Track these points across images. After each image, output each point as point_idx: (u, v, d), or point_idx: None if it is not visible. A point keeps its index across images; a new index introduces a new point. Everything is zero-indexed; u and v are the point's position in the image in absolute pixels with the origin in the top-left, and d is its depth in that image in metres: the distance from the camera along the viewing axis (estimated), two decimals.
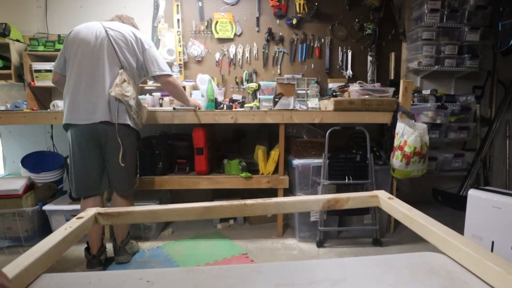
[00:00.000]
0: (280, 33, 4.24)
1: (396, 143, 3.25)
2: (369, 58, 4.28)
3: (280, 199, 1.53)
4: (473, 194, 2.73)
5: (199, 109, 3.32)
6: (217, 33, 4.19)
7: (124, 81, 2.68)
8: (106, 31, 2.73)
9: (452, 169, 4.21)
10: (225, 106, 3.64)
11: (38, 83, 3.82)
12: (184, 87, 3.91)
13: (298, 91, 4.22)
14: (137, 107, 2.79)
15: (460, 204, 3.47)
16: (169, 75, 2.95)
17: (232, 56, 4.25)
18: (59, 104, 3.48)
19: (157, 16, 4.13)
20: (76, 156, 2.72)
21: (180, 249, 3.27)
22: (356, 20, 4.25)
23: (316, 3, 4.17)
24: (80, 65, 2.67)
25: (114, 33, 2.74)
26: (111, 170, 2.81)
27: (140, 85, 3.90)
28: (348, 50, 4.29)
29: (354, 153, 3.44)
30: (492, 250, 2.58)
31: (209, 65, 4.26)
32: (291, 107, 3.50)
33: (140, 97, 3.65)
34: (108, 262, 2.99)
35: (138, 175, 3.30)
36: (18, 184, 3.28)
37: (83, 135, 2.67)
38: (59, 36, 3.91)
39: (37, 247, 1.06)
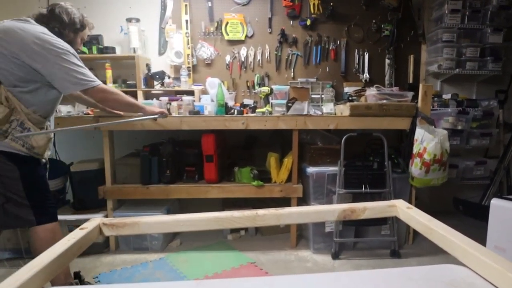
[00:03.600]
0: (294, 35, 4.29)
1: (415, 150, 3.28)
2: (387, 61, 4.31)
3: (293, 208, 1.52)
4: (496, 203, 2.72)
5: (163, 115, 2.91)
6: (228, 34, 4.24)
7: None
8: None
9: (474, 177, 4.22)
10: (235, 111, 3.66)
11: None
12: (192, 91, 3.97)
13: (313, 96, 4.26)
14: (18, 132, 2.31)
15: (482, 214, 3.46)
16: (97, 85, 2.43)
17: (243, 59, 4.29)
18: (62, 110, 3.53)
19: (165, 16, 4.18)
20: None
21: (185, 260, 3.34)
22: (373, 21, 4.28)
23: (331, 3, 4.19)
24: None
25: (3, 25, 2.28)
26: None
27: (146, 89, 3.98)
28: (365, 53, 4.33)
29: (371, 160, 3.48)
30: None
31: (219, 68, 4.31)
32: (305, 112, 3.51)
33: (146, 101, 3.67)
34: None
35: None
36: None
37: None
38: None
39: (39, 259, 1.04)
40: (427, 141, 3.17)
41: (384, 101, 3.42)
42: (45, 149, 2.47)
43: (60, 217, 3.24)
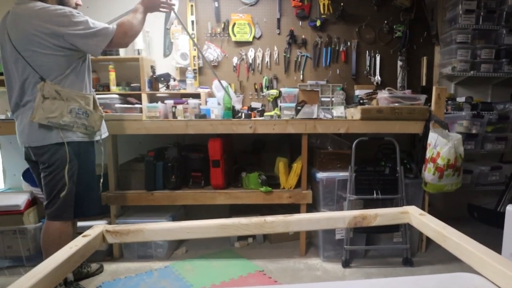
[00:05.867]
0: (303, 36, 4.32)
1: (428, 154, 3.31)
2: (399, 63, 4.33)
3: (303, 215, 1.54)
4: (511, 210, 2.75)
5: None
6: (235, 35, 4.27)
7: (45, 98, 2.37)
8: (4, 21, 2.44)
9: (489, 183, 4.22)
10: (243, 114, 3.71)
11: None
12: (198, 94, 4.01)
13: (322, 99, 4.30)
14: (79, 118, 2.52)
15: (497, 220, 3.47)
16: (112, 31, 2.54)
17: (250, 61, 4.33)
18: None
19: (170, 17, 4.19)
20: None
21: (191, 268, 3.37)
22: (385, 21, 4.31)
23: (342, 4, 4.23)
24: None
25: (11, 23, 2.39)
26: None
27: (151, 92, 4.01)
28: (376, 54, 4.35)
29: (382, 165, 3.51)
30: None
31: (226, 70, 4.34)
32: (314, 116, 3.56)
33: (151, 105, 3.71)
34: None
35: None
36: (19, 199, 3.32)
37: None
38: None
39: (40, 268, 1.06)
40: (441, 146, 3.19)
41: (396, 104, 3.44)
42: (100, 125, 2.69)
43: None
